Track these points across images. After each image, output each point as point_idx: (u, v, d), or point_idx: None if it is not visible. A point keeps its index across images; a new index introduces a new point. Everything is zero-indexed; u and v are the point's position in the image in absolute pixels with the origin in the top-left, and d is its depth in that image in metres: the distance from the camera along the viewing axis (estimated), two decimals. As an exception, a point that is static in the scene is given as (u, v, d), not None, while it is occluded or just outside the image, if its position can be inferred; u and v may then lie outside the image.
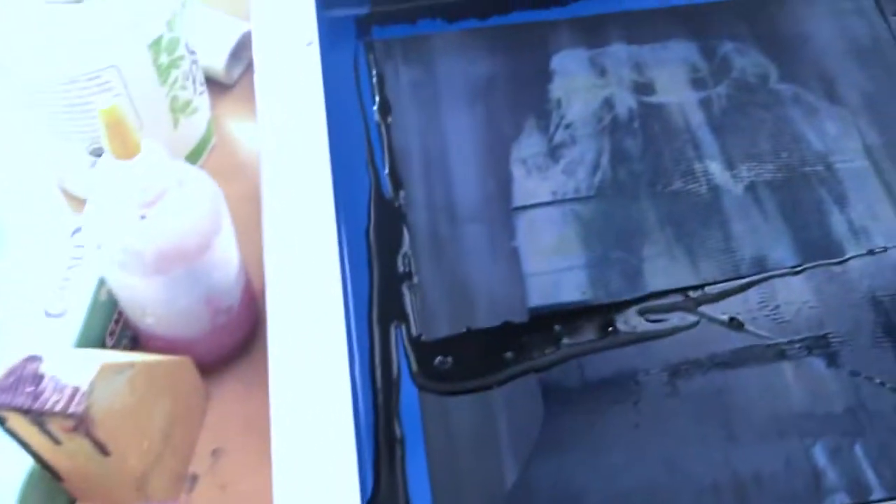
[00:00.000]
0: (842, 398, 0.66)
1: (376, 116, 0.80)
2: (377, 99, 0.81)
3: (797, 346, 0.68)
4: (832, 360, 0.68)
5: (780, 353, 0.68)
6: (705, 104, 0.82)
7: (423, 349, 0.68)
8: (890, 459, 0.64)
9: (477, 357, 0.68)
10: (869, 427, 0.65)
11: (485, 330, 0.69)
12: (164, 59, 0.66)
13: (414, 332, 0.69)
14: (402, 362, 0.68)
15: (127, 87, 0.65)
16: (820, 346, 0.69)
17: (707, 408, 0.65)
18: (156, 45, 0.64)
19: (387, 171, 0.77)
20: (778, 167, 0.78)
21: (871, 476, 0.63)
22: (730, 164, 0.78)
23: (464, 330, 0.69)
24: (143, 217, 0.54)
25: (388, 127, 0.79)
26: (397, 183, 0.76)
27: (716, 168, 0.77)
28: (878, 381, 0.67)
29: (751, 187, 0.76)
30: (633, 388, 0.67)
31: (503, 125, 0.80)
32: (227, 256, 0.60)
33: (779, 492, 0.62)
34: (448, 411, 0.65)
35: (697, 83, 0.83)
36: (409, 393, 0.66)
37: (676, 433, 0.64)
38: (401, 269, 0.72)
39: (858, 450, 0.64)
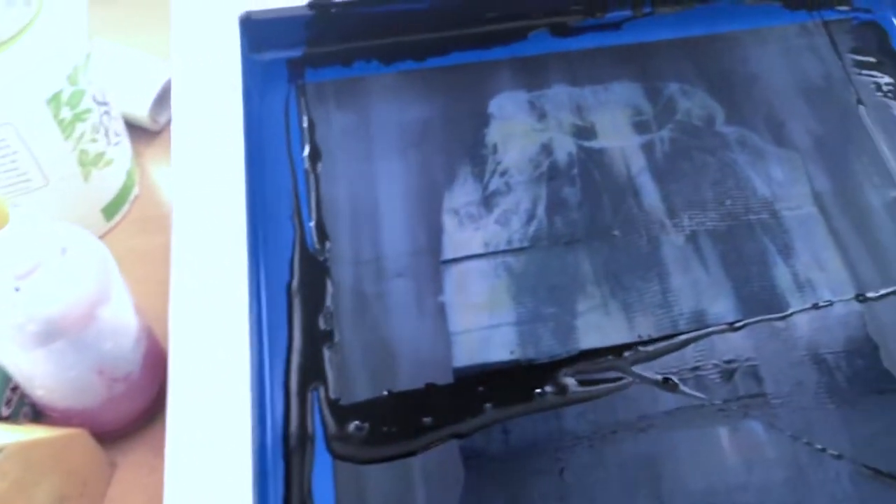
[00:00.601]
0: (780, 466, 0.63)
1: (306, 164, 0.77)
2: (307, 146, 0.78)
3: (734, 407, 0.65)
4: (771, 423, 0.64)
5: (715, 416, 0.64)
6: (647, 149, 0.78)
7: (341, 414, 0.65)
8: (828, 533, 0.60)
9: (396, 422, 0.64)
10: (808, 499, 0.61)
11: (406, 393, 0.66)
12: (66, 113, 0.63)
13: (332, 395, 0.65)
14: (318, 428, 0.64)
15: (26, 144, 0.62)
16: (758, 406, 0.65)
17: (636, 478, 0.62)
18: (55, 99, 0.62)
19: (313, 222, 0.74)
20: (721, 215, 0.74)
21: (806, 553, 0.59)
22: (671, 213, 0.74)
23: (384, 393, 0.65)
24: (17, 289, 0.51)
25: (317, 176, 0.76)
26: (323, 235, 0.73)
27: (656, 217, 0.74)
28: (818, 446, 0.63)
29: (692, 237, 0.73)
30: (559, 455, 0.63)
31: (436, 172, 0.77)
32: (119, 323, 0.57)
33: (708, 571, 0.59)
34: (363, 480, 0.62)
35: (640, 126, 0.80)
36: (323, 461, 0.63)
37: (603, 505, 0.61)
38: (322, 327, 0.68)
39: (796, 523, 0.60)
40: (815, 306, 0.70)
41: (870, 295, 0.70)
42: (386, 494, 0.62)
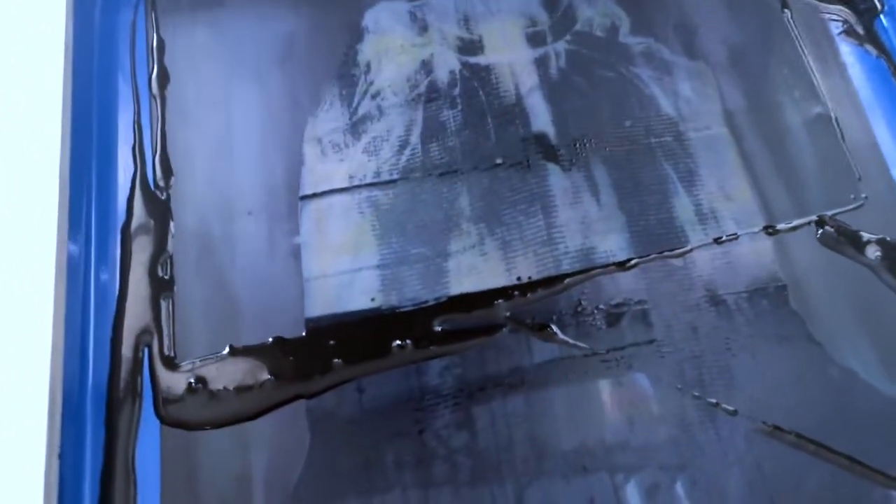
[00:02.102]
0: (665, 424, 0.55)
1: (152, 89, 0.68)
2: (154, 67, 0.69)
3: (618, 357, 0.57)
4: (658, 375, 0.57)
5: (597, 368, 0.57)
6: (541, 64, 0.69)
7: (174, 373, 0.57)
8: (715, 500, 0.53)
9: (236, 381, 0.57)
10: (696, 459, 0.54)
11: (250, 348, 0.58)
12: None
13: (166, 351, 0.58)
14: (147, 389, 0.57)
15: None
16: (645, 357, 0.57)
17: (505, 439, 0.55)
18: None
19: (157, 156, 0.65)
20: (619, 139, 0.66)
21: (686, 523, 0.52)
22: (562, 138, 0.65)
23: (225, 349, 0.58)
24: None
25: (163, 102, 0.67)
26: (168, 171, 0.64)
27: (545, 143, 0.65)
28: (711, 400, 0.56)
29: (584, 165, 0.64)
30: (418, 416, 0.56)
31: (299, 95, 0.68)
32: None
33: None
34: (195, 448, 0.55)
35: (534, 38, 0.71)
36: (150, 427, 0.56)
37: (467, 470, 0.54)
38: (160, 274, 0.60)
39: (680, 489, 0.53)
40: (718, 241, 0.62)
41: (780, 227, 0.62)
42: (219, 464, 0.55)
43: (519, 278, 0.60)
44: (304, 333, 0.58)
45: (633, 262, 0.61)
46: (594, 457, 0.54)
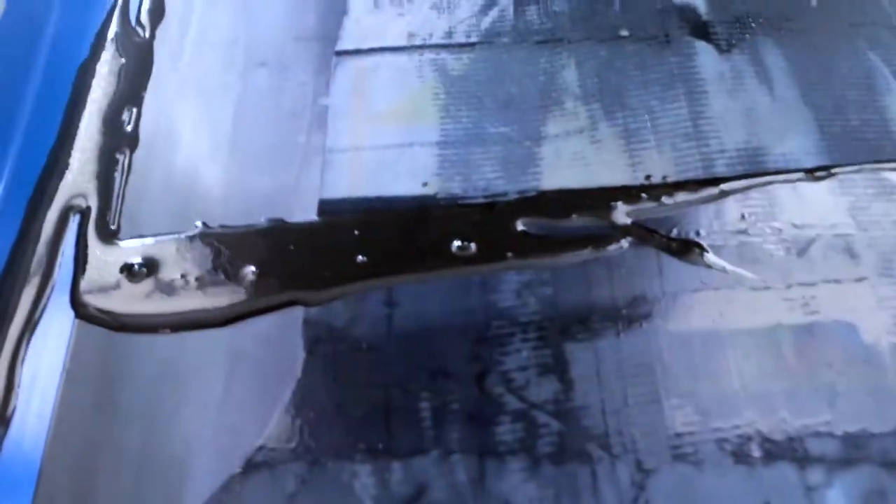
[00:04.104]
0: (888, 400, 0.33)
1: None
2: None
3: (808, 296, 0.36)
4: (873, 328, 0.35)
5: (772, 307, 0.35)
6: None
7: (113, 250, 0.37)
8: None
9: (202, 269, 0.36)
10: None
11: (231, 230, 0.38)
12: None
13: (109, 221, 0.38)
14: (66, 269, 0.37)
15: None
16: (850, 300, 0.36)
17: (618, 397, 0.33)
18: None
19: (149, -14, 0.47)
20: (801, 22, 0.46)
21: None
22: (717, 13, 0.46)
23: (196, 226, 0.38)
24: None
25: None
26: (158, 9, 0.46)
27: (692, 17, 0.46)
28: None
29: (749, 48, 0.45)
30: (478, 350, 0.35)
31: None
32: None
33: None
34: (121, 357, 0.34)
35: None
36: (56, 324, 0.35)
37: (552, 437, 0.32)
38: (123, 126, 0.41)
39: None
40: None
41: None
42: (153, 390, 0.34)
43: (649, 177, 0.39)
44: (315, 218, 0.38)
45: (830, 171, 0.39)
46: (768, 440, 0.32)
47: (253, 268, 0.37)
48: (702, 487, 0.31)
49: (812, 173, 0.40)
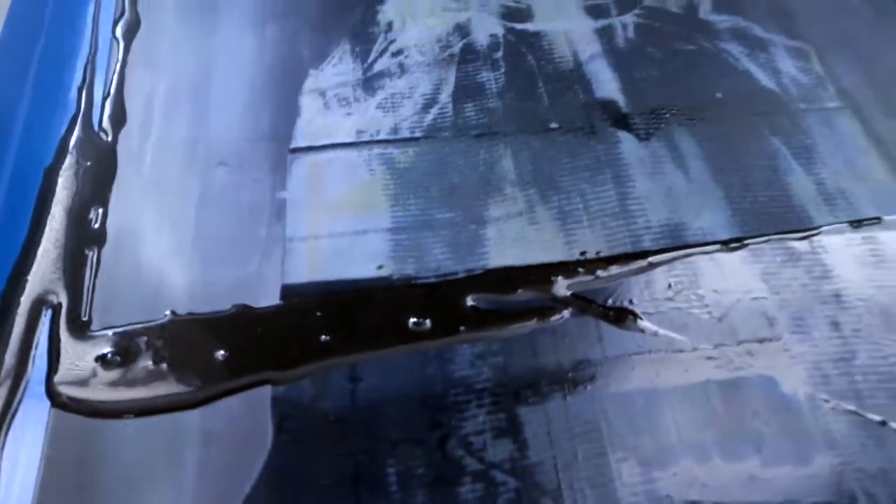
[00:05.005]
0: (813, 448, 0.37)
1: (117, 32, 0.54)
2: (124, 15, 0.55)
3: (732, 354, 0.39)
4: (789, 382, 0.39)
5: (701, 366, 0.39)
6: (604, 34, 0.56)
7: (85, 341, 0.39)
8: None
9: (174, 356, 0.38)
10: None
11: (200, 316, 0.40)
12: None
13: (81, 313, 0.40)
14: (39, 360, 0.38)
15: None
16: (768, 356, 0.40)
17: (568, 453, 0.36)
18: None
19: (109, 98, 0.50)
20: (709, 112, 0.51)
21: None
22: (635, 106, 0.51)
23: (165, 314, 0.40)
24: None
25: (127, 46, 0.53)
26: (120, 115, 0.49)
27: (613, 110, 0.51)
28: (875, 417, 0.38)
29: (665, 136, 0.50)
30: (440, 417, 0.37)
31: (301, 48, 0.54)
32: None
33: None
34: (95, 441, 0.36)
35: (595, 11, 0.58)
36: (33, 411, 0.37)
37: (510, 493, 0.34)
38: (93, 223, 0.44)
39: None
40: (855, 224, 0.45)
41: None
42: (130, 469, 0.35)
43: (584, 253, 0.43)
44: (279, 301, 0.40)
45: (742, 242, 0.44)
46: (705, 485, 0.35)
47: (222, 351, 0.39)
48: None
49: (727, 245, 0.44)
